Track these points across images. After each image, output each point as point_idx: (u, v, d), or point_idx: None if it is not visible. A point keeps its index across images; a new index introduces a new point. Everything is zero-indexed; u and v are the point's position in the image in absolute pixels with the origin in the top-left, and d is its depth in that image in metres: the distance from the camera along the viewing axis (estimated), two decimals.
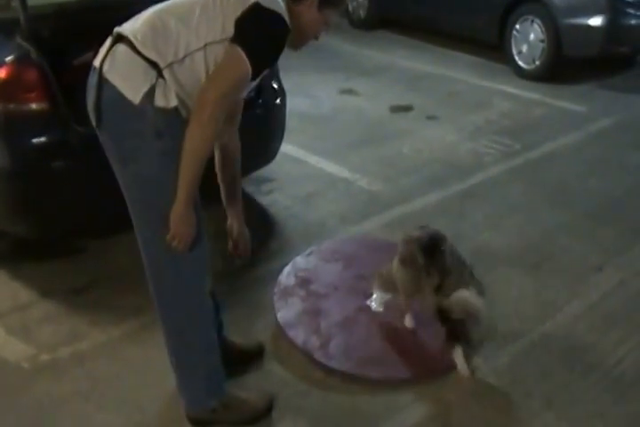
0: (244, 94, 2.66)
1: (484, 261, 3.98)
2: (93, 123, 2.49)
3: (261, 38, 2.37)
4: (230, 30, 2.35)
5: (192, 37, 2.36)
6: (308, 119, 6.08)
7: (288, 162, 5.12)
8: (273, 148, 4.46)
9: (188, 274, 2.62)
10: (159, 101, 2.36)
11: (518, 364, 3.24)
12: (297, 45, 2.57)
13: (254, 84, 2.54)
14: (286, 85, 4.46)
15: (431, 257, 3.07)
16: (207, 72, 2.37)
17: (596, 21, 6.77)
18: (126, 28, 2.44)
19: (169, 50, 2.36)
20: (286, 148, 4.73)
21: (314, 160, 5.38)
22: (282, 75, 4.44)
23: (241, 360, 3.16)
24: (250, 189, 4.81)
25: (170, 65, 2.36)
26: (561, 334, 3.43)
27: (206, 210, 2.56)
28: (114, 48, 2.41)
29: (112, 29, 2.46)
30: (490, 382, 3.13)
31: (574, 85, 7.17)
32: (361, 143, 5.72)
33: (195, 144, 2.35)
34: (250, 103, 4.11)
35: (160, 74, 2.35)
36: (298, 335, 3.32)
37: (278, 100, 4.35)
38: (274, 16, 2.35)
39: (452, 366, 3.14)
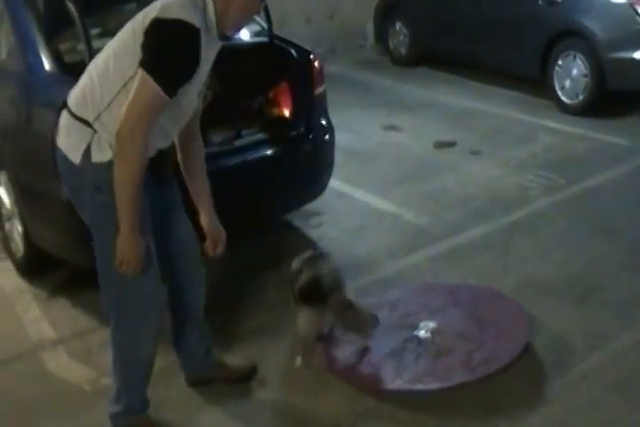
0: (196, 93, 2.61)
1: (530, 293, 4.01)
2: None
3: (161, 54, 2.35)
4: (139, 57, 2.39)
5: (111, 83, 2.45)
6: (352, 155, 6.17)
7: (335, 196, 5.21)
8: (322, 182, 4.57)
9: (131, 312, 2.77)
10: (95, 157, 2.50)
11: (569, 394, 3.24)
12: (230, 29, 2.50)
13: (199, 88, 2.56)
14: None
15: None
16: None
17: None
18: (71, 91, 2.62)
19: (95, 103, 2.47)
20: (333, 182, 4.82)
21: (360, 195, 5.47)
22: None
23: (227, 380, 3.29)
24: (299, 222, 4.92)
25: (98, 116, 2.46)
26: (612, 366, 3.42)
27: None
28: (61, 114, 2.61)
29: None
30: (539, 411, 3.15)
31: (617, 119, 7.14)
32: (406, 178, 5.80)
33: (124, 177, 2.43)
34: (300, 139, 4.26)
35: (93, 129, 2.47)
36: (347, 368, 3.40)
37: (327, 137, 4.47)
38: (173, 25, 2.33)
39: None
